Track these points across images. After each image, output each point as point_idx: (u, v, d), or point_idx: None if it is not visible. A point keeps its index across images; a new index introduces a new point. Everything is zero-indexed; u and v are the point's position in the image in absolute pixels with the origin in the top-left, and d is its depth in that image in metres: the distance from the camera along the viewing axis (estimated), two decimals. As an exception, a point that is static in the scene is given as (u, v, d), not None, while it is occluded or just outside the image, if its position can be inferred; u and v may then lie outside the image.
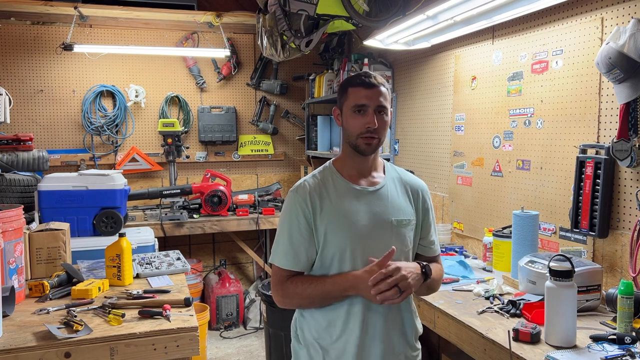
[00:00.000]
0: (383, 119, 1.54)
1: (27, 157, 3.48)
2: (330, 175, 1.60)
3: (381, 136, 1.55)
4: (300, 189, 1.57)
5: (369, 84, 1.52)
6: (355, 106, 1.52)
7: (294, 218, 1.54)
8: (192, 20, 4.30)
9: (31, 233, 2.30)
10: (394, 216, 1.56)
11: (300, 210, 1.53)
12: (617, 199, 2.05)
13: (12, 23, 4.07)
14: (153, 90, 4.44)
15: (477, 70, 2.89)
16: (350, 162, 1.60)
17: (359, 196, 1.56)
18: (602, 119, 2.11)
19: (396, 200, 1.59)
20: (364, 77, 1.53)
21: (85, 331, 1.69)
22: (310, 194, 1.54)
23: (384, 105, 1.53)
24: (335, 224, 1.52)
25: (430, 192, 3.36)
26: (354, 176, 1.59)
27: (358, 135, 1.53)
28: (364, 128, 1.51)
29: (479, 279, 2.38)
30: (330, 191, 1.56)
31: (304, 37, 3.28)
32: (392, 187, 1.61)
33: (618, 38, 1.88)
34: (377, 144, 1.56)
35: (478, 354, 1.83)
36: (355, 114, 1.53)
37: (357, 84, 1.53)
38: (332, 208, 1.53)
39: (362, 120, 1.52)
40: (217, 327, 4.23)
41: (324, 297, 1.50)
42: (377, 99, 1.52)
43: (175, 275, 2.36)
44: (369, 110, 1.51)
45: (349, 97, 1.54)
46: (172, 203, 4.04)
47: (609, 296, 1.89)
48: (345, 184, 1.58)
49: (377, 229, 1.53)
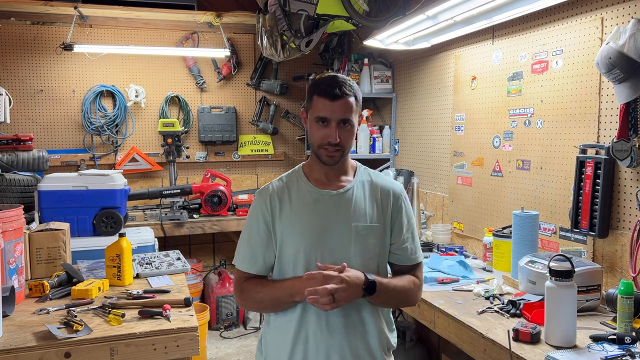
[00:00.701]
0: (346, 131, 1.48)
1: (27, 157, 3.48)
2: (296, 178, 1.57)
3: (345, 148, 1.50)
4: (263, 191, 1.56)
5: (333, 95, 1.45)
6: (318, 117, 1.47)
7: (255, 221, 1.54)
8: (192, 20, 4.30)
9: (31, 233, 2.30)
10: (356, 221, 1.50)
11: (260, 213, 1.53)
12: (617, 199, 2.05)
13: (12, 23, 4.07)
14: (153, 90, 4.44)
15: (477, 70, 2.89)
16: (316, 167, 1.56)
17: (320, 200, 1.52)
18: (602, 119, 2.11)
19: (361, 204, 1.52)
20: (329, 87, 1.46)
21: (85, 331, 1.69)
22: (271, 197, 1.53)
23: (348, 118, 1.47)
24: (292, 227, 1.50)
25: (430, 192, 3.39)
26: (320, 180, 1.55)
27: (319, 146, 1.49)
28: (325, 140, 1.47)
29: (479, 279, 2.38)
30: (293, 195, 1.53)
31: (304, 37, 3.28)
32: (359, 191, 1.55)
33: (618, 38, 1.88)
34: (340, 155, 1.50)
35: (478, 354, 1.83)
36: (318, 125, 1.48)
37: (321, 93, 1.46)
38: (291, 212, 1.51)
39: (324, 132, 1.47)
40: (217, 327, 4.23)
41: (274, 301, 1.49)
42: (341, 111, 1.45)
43: (175, 275, 2.36)
44: (331, 124, 1.46)
45: (312, 106, 1.49)
46: (172, 203, 4.04)
47: (609, 296, 1.89)
48: (309, 187, 1.54)
49: (335, 234, 1.49)
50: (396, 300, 1.56)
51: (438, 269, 2.52)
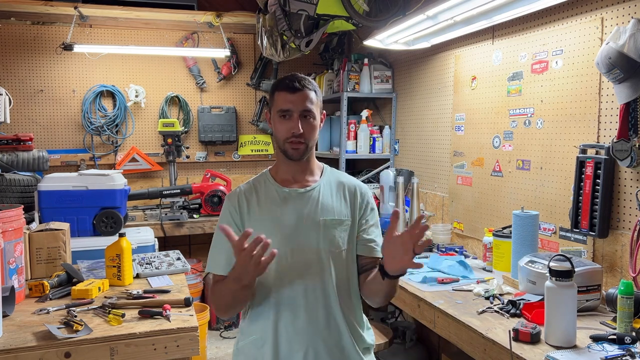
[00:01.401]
0: (309, 123, 1.51)
1: (27, 157, 3.48)
2: (263, 180, 1.60)
3: (309, 141, 1.52)
4: (231, 195, 1.59)
5: (293, 88, 1.49)
6: (280, 111, 1.50)
7: (224, 224, 1.52)
8: (192, 20, 4.30)
9: (31, 233, 2.30)
10: (323, 216, 1.52)
11: (229, 215, 1.55)
12: (617, 199, 2.05)
13: (12, 23, 4.07)
14: (153, 90, 4.44)
15: (477, 70, 2.89)
16: (284, 167, 1.58)
17: (288, 198, 1.54)
18: (602, 119, 2.11)
19: (327, 201, 1.55)
20: (289, 81, 1.51)
21: (85, 331, 1.69)
22: (239, 199, 1.55)
23: (309, 109, 1.50)
24: (261, 227, 1.49)
25: (430, 192, 3.39)
26: (287, 180, 1.58)
27: (285, 140, 1.51)
28: (289, 133, 1.49)
29: (479, 279, 2.38)
30: (260, 195, 1.56)
31: (304, 37, 3.28)
32: (326, 189, 1.57)
33: (618, 38, 1.88)
34: (304, 149, 1.52)
35: (478, 354, 1.83)
36: (282, 119, 1.51)
37: (282, 88, 1.51)
38: (259, 212, 1.53)
39: (288, 125, 1.50)
40: (217, 327, 4.23)
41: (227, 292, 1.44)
42: (302, 103, 1.49)
43: (175, 275, 2.36)
44: (293, 115, 1.49)
45: (275, 102, 1.53)
46: (172, 203, 4.04)
47: (609, 296, 1.89)
48: (275, 187, 1.57)
49: (304, 229, 1.51)
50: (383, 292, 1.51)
51: (438, 269, 2.52)
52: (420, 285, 2.34)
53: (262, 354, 1.50)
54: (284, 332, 1.49)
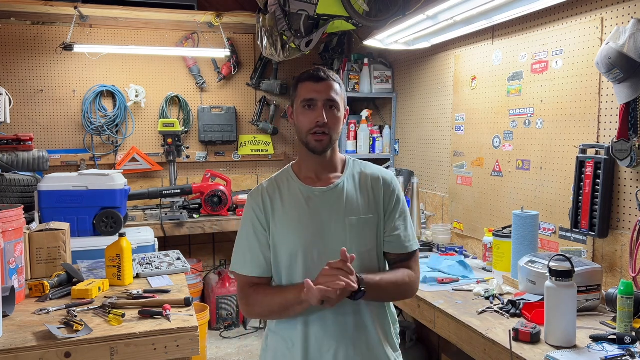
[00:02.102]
0: (334, 114, 1.46)
1: (27, 157, 3.48)
2: (286, 177, 1.55)
3: (332, 133, 1.47)
4: (254, 193, 1.55)
5: (317, 77, 1.46)
6: (304, 100, 1.46)
7: (250, 223, 1.51)
8: (192, 20, 4.30)
9: (31, 233, 2.30)
10: (349, 215, 1.48)
11: (254, 214, 1.51)
12: (617, 199, 2.05)
13: (12, 23, 4.07)
14: (153, 90, 4.44)
15: (477, 70, 2.89)
16: (307, 163, 1.54)
17: (312, 198, 1.50)
18: (602, 119, 2.11)
19: (353, 197, 1.50)
20: (313, 72, 1.48)
21: (85, 331, 1.69)
22: (263, 198, 1.52)
23: (334, 99, 1.46)
24: (286, 228, 1.47)
25: (430, 192, 3.39)
26: (310, 178, 1.53)
27: (308, 131, 1.46)
28: (314, 123, 1.44)
29: (479, 279, 2.38)
30: (284, 194, 1.51)
31: (304, 37, 3.28)
32: (350, 184, 1.52)
33: (618, 38, 1.88)
34: (328, 141, 1.47)
35: (478, 354, 1.83)
36: (305, 110, 1.46)
37: (305, 78, 1.48)
38: (283, 212, 1.49)
39: (312, 115, 1.45)
40: (217, 327, 4.23)
41: (282, 307, 1.44)
42: (327, 92, 1.45)
43: (175, 275, 2.36)
44: (318, 105, 1.45)
45: (298, 93, 1.49)
46: (172, 203, 4.03)
47: (609, 296, 1.89)
48: (299, 185, 1.52)
49: (330, 231, 1.47)
50: (389, 295, 1.53)
51: (438, 269, 2.52)
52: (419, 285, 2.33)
53: (292, 354, 1.48)
54: (313, 334, 1.47)
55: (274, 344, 1.54)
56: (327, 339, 1.46)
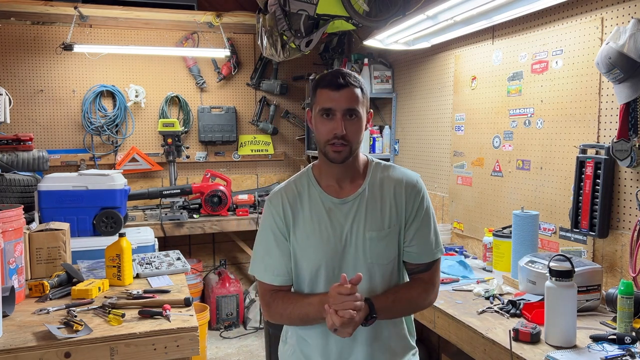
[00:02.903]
0: (354, 124, 1.39)
1: (27, 157, 3.48)
2: (307, 183, 1.49)
3: (352, 144, 1.40)
4: (274, 198, 1.49)
5: (337, 85, 1.37)
6: (322, 110, 1.38)
7: (270, 231, 1.47)
8: (192, 20, 4.30)
9: (31, 233, 2.30)
10: (370, 229, 1.42)
11: (274, 222, 1.46)
12: (617, 199, 2.05)
13: (12, 23, 4.07)
14: (153, 90, 4.44)
15: (477, 70, 2.89)
16: (327, 170, 1.48)
17: (333, 210, 1.44)
18: (602, 119, 2.11)
19: (374, 208, 1.44)
20: (333, 77, 1.39)
21: (85, 331, 1.69)
22: (283, 206, 1.46)
23: (354, 108, 1.37)
24: (307, 241, 1.44)
25: (430, 192, 3.39)
26: (331, 187, 1.47)
27: (326, 142, 1.40)
28: (331, 134, 1.37)
29: (479, 279, 2.38)
30: (305, 203, 1.46)
31: (304, 37, 3.28)
32: (372, 192, 1.46)
33: (618, 38, 1.88)
34: (348, 152, 1.40)
35: (478, 354, 1.83)
36: (323, 119, 1.39)
37: (324, 85, 1.39)
38: (305, 224, 1.44)
39: (330, 125, 1.38)
40: (217, 327, 4.23)
41: (302, 317, 1.42)
42: (346, 101, 1.37)
43: (175, 275, 2.36)
44: (336, 115, 1.37)
45: (317, 100, 1.41)
46: (172, 203, 4.04)
47: (609, 296, 1.89)
48: (320, 195, 1.46)
49: (351, 245, 1.42)
50: (403, 313, 1.49)
51: (438, 269, 2.52)
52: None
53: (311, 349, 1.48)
54: (333, 346, 1.45)
55: (294, 344, 1.53)
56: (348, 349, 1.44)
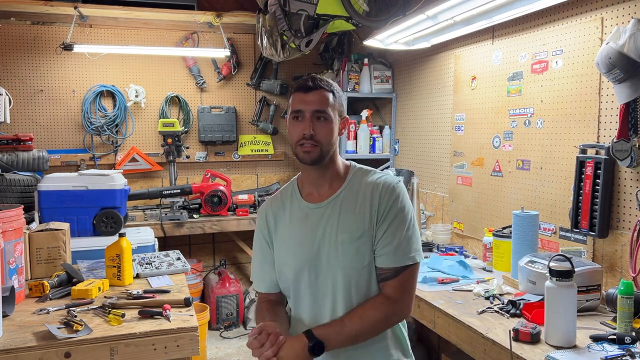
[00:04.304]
0: (323, 126, 1.41)
1: (27, 157, 3.48)
2: (290, 193, 1.54)
3: (323, 144, 1.41)
4: (261, 210, 1.58)
5: (306, 87, 1.43)
6: (293, 112, 1.44)
7: (258, 240, 1.56)
8: (192, 20, 4.30)
9: (31, 233, 2.29)
10: (343, 232, 1.41)
11: (261, 233, 1.55)
12: (617, 199, 2.05)
13: (12, 23, 4.07)
14: (153, 90, 4.44)
15: (477, 70, 2.89)
16: (306, 176, 1.50)
17: (309, 215, 1.46)
18: (602, 119, 2.11)
19: (348, 212, 1.42)
20: (304, 81, 1.45)
21: (85, 331, 1.69)
22: (267, 216, 1.54)
23: (323, 109, 1.41)
24: (286, 248, 1.48)
25: (430, 192, 3.39)
26: (311, 194, 1.49)
27: (296, 143, 1.43)
28: (300, 135, 1.41)
29: (479, 279, 2.38)
30: (287, 212, 1.51)
31: (304, 37, 3.28)
32: (348, 196, 1.45)
33: (618, 38, 1.88)
34: (318, 153, 1.41)
35: (478, 354, 1.83)
36: (294, 121, 1.44)
37: (296, 89, 1.46)
38: (284, 231, 1.50)
39: (300, 127, 1.42)
40: (217, 327, 4.23)
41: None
42: (315, 103, 1.41)
43: (175, 275, 2.36)
44: (305, 116, 1.41)
45: (290, 104, 1.47)
46: (172, 203, 4.03)
47: (609, 296, 1.89)
48: (299, 202, 1.50)
49: (324, 250, 1.42)
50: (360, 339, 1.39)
51: (438, 269, 2.52)
52: (420, 285, 2.34)
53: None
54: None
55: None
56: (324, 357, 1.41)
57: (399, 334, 1.50)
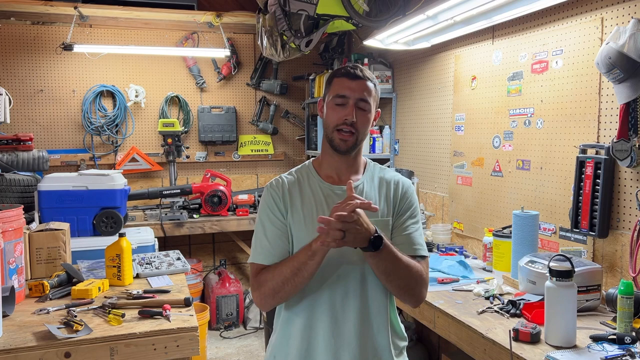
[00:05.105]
0: (363, 115, 1.44)
1: (27, 157, 3.48)
2: (306, 173, 1.52)
3: (360, 133, 1.44)
4: (274, 183, 1.50)
5: (353, 75, 1.44)
6: (336, 96, 1.43)
7: (269, 212, 1.47)
8: (192, 20, 4.30)
9: (31, 233, 2.29)
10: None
11: (274, 204, 1.47)
12: (617, 199, 2.05)
13: (12, 23, 4.07)
14: (153, 90, 4.44)
15: (477, 70, 2.89)
16: (329, 160, 1.50)
17: (331, 196, 1.46)
18: (602, 119, 2.11)
19: (371, 199, 1.45)
20: (350, 68, 1.45)
21: (85, 331, 1.69)
22: (283, 190, 1.48)
23: (366, 99, 1.44)
24: (304, 225, 1.44)
25: (430, 192, 3.39)
26: (331, 177, 1.50)
27: (334, 127, 1.43)
28: (341, 120, 1.42)
29: (479, 279, 2.38)
30: (304, 189, 1.48)
31: (304, 37, 3.28)
32: (369, 185, 1.50)
33: (618, 38, 1.88)
34: (354, 141, 1.44)
35: (478, 354, 1.83)
36: (336, 105, 1.44)
37: (341, 74, 1.45)
38: (302, 207, 1.45)
39: (341, 112, 1.42)
40: (217, 327, 4.23)
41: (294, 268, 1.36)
42: (360, 91, 1.43)
43: (175, 275, 2.36)
44: (349, 102, 1.42)
45: (332, 88, 1.46)
46: (172, 203, 4.04)
47: (609, 296, 1.89)
48: (319, 182, 1.49)
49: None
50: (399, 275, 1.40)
51: (438, 269, 2.52)
52: (420, 285, 2.33)
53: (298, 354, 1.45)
54: (320, 335, 1.43)
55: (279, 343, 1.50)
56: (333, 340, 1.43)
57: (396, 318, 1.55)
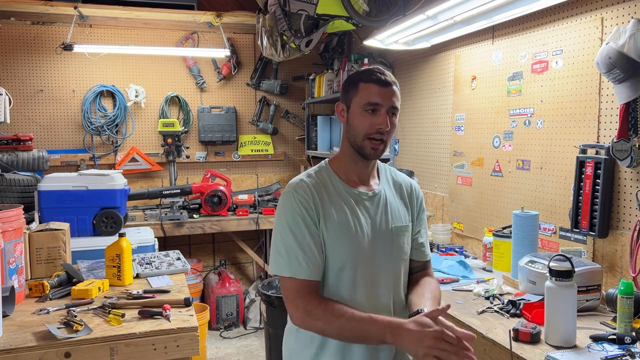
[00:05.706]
0: (393, 123, 1.40)
1: (27, 157, 3.48)
2: (327, 176, 1.45)
3: (388, 141, 1.42)
4: (299, 187, 1.40)
5: (384, 82, 1.39)
6: (368, 104, 1.37)
7: (299, 218, 1.36)
8: (192, 20, 4.30)
9: (31, 233, 2.29)
10: (394, 223, 1.46)
11: (304, 209, 1.36)
12: (617, 199, 2.05)
13: (12, 23, 4.07)
14: (153, 90, 4.44)
15: (477, 70, 2.89)
16: (350, 165, 1.46)
17: (359, 202, 1.43)
18: (602, 119, 2.11)
19: (394, 204, 1.48)
20: (379, 74, 1.39)
21: (85, 331, 1.69)
22: (312, 194, 1.39)
23: (397, 107, 1.41)
24: (337, 235, 1.38)
25: (430, 192, 3.39)
26: (353, 181, 1.46)
27: (365, 136, 1.38)
28: (374, 129, 1.37)
29: (479, 279, 2.38)
30: (331, 194, 1.41)
31: (304, 37, 3.28)
32: (388, 190, 1.51)
33: (618, 38, 1.88)
34: (383, 149, 1.41)
35: (478, 354, 1.82)
36: (367, 113, 1.38)
37: (371, 80, 1.39)
38: (333, 215, 1.38)
39: (373, 120, 1.38)
40: (217, 327, 4.23)
41: (359, 336, 1.27)
42: (391, 99, 1.39)
43: (175, 275, 2.36)
44: (381, 110, 1.38)
45: (359, 93, 1.39)
46: (172, 203, 4.04)
47: (609, 296, 1.89)
48: (345, 187, 1.44)
49: (378, 240, 1.43)
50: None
51: (438, 269, 2.52)
52: (420, 285, 2.33)
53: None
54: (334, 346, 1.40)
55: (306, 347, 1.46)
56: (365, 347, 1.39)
57: None
